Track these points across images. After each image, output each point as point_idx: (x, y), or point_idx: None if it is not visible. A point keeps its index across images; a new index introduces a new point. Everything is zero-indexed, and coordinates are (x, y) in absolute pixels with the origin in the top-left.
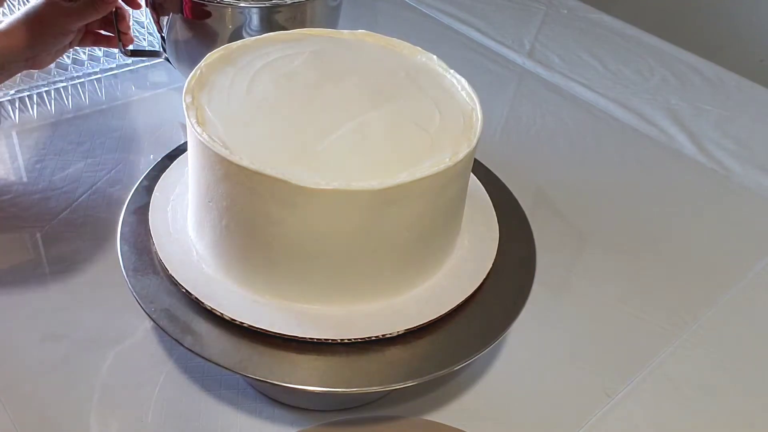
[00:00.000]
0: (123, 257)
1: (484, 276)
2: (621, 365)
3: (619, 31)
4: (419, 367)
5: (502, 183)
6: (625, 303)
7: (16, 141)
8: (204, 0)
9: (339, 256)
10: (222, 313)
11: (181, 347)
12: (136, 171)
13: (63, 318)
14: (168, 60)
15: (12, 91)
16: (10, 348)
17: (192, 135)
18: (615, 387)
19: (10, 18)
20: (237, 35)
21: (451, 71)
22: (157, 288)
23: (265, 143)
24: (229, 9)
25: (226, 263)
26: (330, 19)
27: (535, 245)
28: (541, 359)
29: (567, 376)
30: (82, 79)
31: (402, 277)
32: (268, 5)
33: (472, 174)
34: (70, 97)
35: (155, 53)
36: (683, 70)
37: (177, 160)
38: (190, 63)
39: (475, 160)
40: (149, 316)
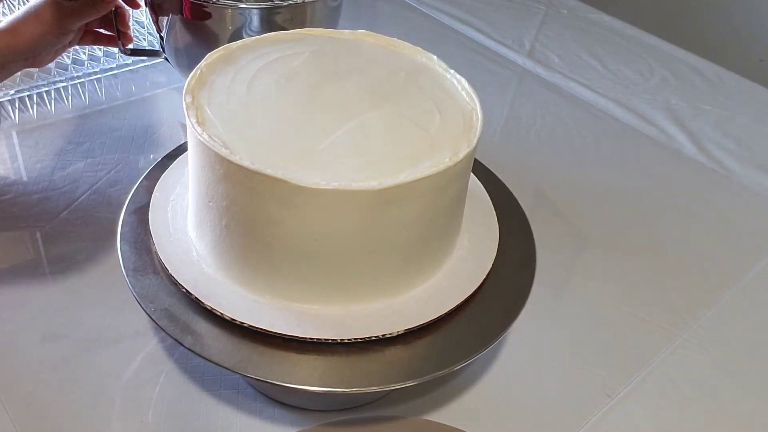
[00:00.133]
0: (123, 257)
1: (484, 276)
2: (621, 365)
3: (619, 31)
4: (419, 367)
5: (502, 183)
6: (625, 303)
7: (16, 141)
8: (203, 1)
9: (339, 256)
10: (222, 313)
11: (181, 347)
12: (136, 171)
13: (63, 318)
14: (167, 60)
15: (12, 91)
16: (10, 348)
17: (192, 135)
18: (615, 387)
19: (10, 17)
20: (237, 36)
21: (451, 71)
22: (157, 288)
23: (265, 143)
24: (229, 10)
25: (226, 263)
26: (330, 20)
27: (535, 245)
28: (541, 359)
29: (567, 376)
30: (82, 79)
31: (402, 277)
32: (268, 6)
33: (472, 174)
34: (70, 97)
35: (155, 53)
36: (683, 70)
37: (177, 160)
38: (189, 64)
39: (475, 160)
40: (149, 316)
